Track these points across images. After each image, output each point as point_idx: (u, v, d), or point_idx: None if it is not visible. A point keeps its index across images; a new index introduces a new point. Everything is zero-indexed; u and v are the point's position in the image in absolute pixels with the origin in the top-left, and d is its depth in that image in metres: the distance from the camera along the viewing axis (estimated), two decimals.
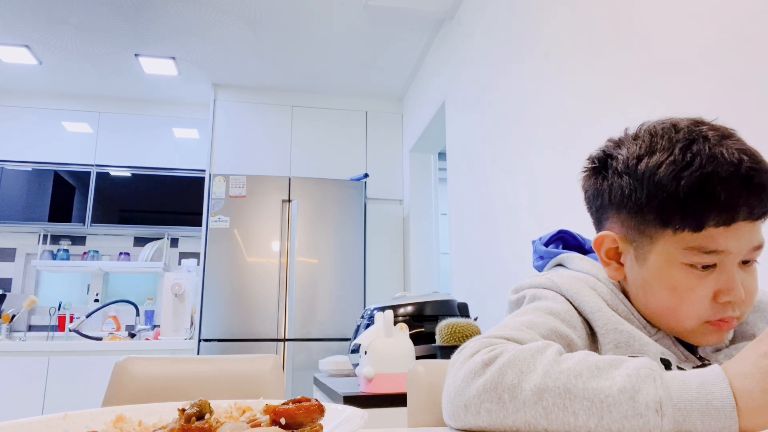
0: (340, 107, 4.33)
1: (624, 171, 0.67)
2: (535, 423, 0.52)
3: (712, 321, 0.64)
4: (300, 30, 3.43)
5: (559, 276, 0.73)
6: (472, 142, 2.85)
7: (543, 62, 2.09)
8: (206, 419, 0.43)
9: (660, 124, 0.68)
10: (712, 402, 0.47)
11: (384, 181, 4.26)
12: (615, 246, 0.70)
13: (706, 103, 1.26)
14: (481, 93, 2.73)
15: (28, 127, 4.10)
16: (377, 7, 3.12)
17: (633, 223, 0.67)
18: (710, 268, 0.63)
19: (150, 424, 0.48)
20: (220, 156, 4.02)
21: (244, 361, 1.03)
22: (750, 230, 0.62)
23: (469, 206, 2.87)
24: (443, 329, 1.71)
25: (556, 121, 1.97)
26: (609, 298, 0.70)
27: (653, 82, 1.46)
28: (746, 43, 1.16)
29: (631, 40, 1.56)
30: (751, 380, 0.47)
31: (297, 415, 0.43)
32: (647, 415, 0.47)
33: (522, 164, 2.25)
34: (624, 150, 0.68)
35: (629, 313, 0.70)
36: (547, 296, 0.71)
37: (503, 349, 0.57)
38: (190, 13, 3.19)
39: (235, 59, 3.78)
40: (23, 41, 3.50)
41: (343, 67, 3.93)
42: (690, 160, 0.61)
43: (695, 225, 0.61)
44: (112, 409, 0.52)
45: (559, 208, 1.92)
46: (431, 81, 3.63)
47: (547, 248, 0.84)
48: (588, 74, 1.78)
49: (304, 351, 3.43)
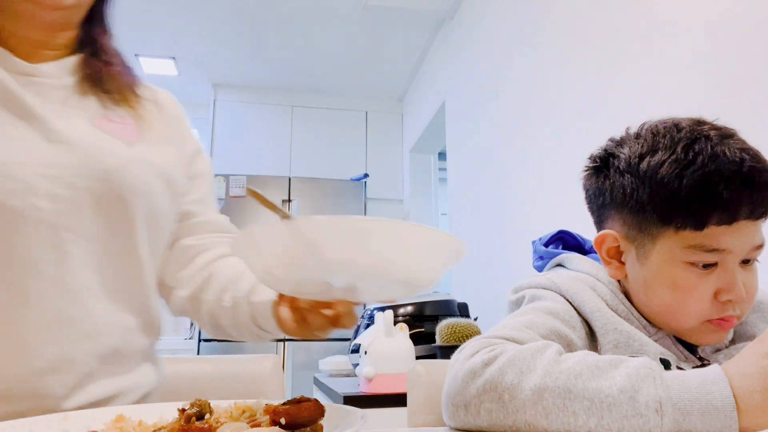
0: (340, 107, 4.33)
1: (626, 170, 0.67)
2: (535, 423, 0.52)
3: (713, 320, 0.64)
4: (300, 30, 3.43)
5: (559, 276, 0.73)
6: (472, 142, 2.85)
7: (543, 62, 2.09)
8: (206, 419, 0.43)
9: (662, 124, 0.68)
10: (712, 402, 0.47)
11: (384, 181, 4.26)
12: (616, 245, 0.70)
13: (706, 104, 1.26)
14: (481, 93, 2.73)
15: None
16: (377, 7, 3.11)
17: (634, 222, 0.67)
18: (711, 266, 0.63)
19: (150, 424, 0.48)
20: (220, 156, 4.01)
21: (244, 361, 1.03)
22: (751, 229, 0.62)
23: (469, 206, 2.87)
24: (443, 329, 1.71)
25: (556, 121, 1.97)
26: (609, 298, 0.70)
27: (653, 82, 1.46)
28: (748, 43, 1.16)
29: (631, 40, 1.56)
30: (751, 380, 0.47)
31: (297, 415, 0.43)
32: (647, 414, 0.47)
33: (522, 164, 2.25)
34: (626, 149, 0.68)
35: (629, 313, 0.70)
36: (546, 296, 0.71)
37: (503, 349, 0.57)
38: (190, 13, 3.19)
39: (235, 59, 3.78)
40: None
41: (343, 67, 3.93)
42: (692, 158, 0.62)
43: (697, 223, 0.61)
44: (112, 409, 0.52)
45: (559, 208, 1.92)
46: (431, 81, 3.63)
47: (546, 248, 0.84)
48: (588, 73, 1.78)
49: (304, 351, 3.42)
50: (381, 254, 0.42)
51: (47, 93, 0.67)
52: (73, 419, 0.50)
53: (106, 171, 0.65)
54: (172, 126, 0.80)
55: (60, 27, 0.70)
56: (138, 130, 0.73)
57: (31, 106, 0.64)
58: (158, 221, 0.73)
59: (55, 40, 0.70)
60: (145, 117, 0.75)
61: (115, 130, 0.70)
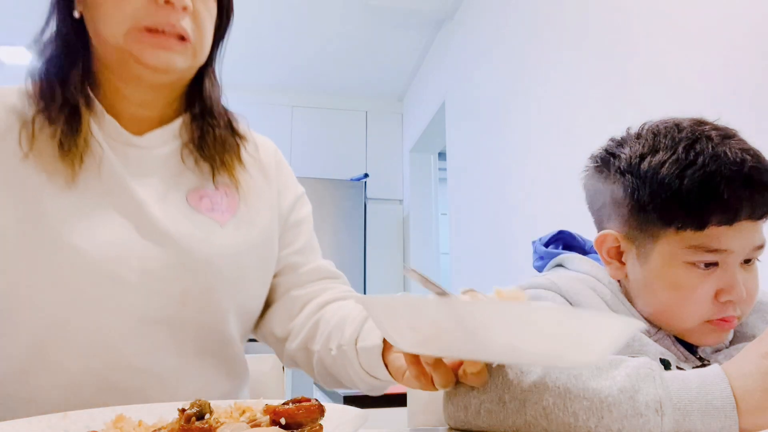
0: (340, 107, 4.33)
1: (627, 170, 0.67)
2: (535, 423, 0.52)
3: (713, 320, 0.64)
4: (300, 30, 3.43)
5: (559, 277, 0.73)
6: (472, 142, 2.85)
7: (543, 62, 2.09)
8: (206, 419, 0.43)
9: (662, 124, 0.68)
10: (712, 402, 0.47)
11: (384, 181, 4.25)
12: (617, 245, 0.70)
13: (706, 104, 1.26)
14: (481, 93, 2.73)
15: None
16: (377, 7, 3.11)
17: (635, 222, 0.67)
18: (712, 266, 0.63)
19: (150, 424, 0.48)
20: None
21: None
22: (752, 230, 0.62)
23: (469, 206, 2.87)
24: None
25: (556, 121, 1.97)
26: (609, 298, 0.70)
27: (653, 82, 1.46)
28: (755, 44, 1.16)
29: (632, 39, 1.56)
30: (751, 380, 0.47)
31: (297, 415, 0.43)
32: (647, 414, 0.47)
33: (522, 164, 2.25)
34: (627, 149, 0.68)
35: (629, 313, 0.70)
36: (546, 297, 0.71)
37: None
38: None
39: (235, 59, 3.78)
40: (23, 41, 3.50)
41: (343, 67, 3.93)
42: (693, 158, 0.62)
43: (698, 224, 0.61)
44: (112, 409, 0.52)
45: (559, 208, 1.92)
46: (431, 81, 3.63)
47: (546, 249, 0.84)
48: (588, 73, 1.78)
49: None
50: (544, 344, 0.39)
51: (148, 166, 0.67)
52: (72, 419, 0.50)
53: (195, 264, 0.65)
54: (271, 182, 0.79)
55: (169, 88, 0.69)
56: (234, 202, 0.72)
57: (131, 191, 0.64)
58: (247, 305, 0.73)
59: (164, 100, 0.70)
60: (244, 183, 0.74)
61: (209, 208, 0.70)
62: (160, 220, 0.65)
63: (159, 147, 0.69)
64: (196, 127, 0.71)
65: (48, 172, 0.62)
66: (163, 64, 0.63)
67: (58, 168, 0.62)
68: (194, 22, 0.65)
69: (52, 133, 0.62)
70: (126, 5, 0.60)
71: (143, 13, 0.61)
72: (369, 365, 0.63)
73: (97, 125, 0.65)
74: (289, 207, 0.81)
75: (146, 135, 0.68)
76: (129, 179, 0.65)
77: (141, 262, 0.63)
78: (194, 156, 0.71)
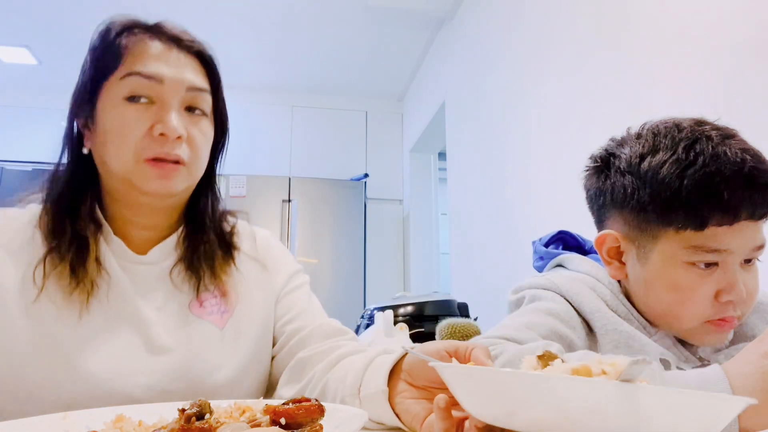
0: (340, 107, 4.33)
1: (627, 170, 0.67)
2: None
3: (713, 320, 0.64)
4: (300, 30, 3.43)
5: (559, 277, 0.73)
6: (472, 142, 2.85)
7: (543, 62, 2.09)
8: (206, 419, 0.43)
9: (663, 124, 0.68)
10: None
11: (384, 181, 4.25)
12: (617, 245, 0.70)
13: (706, 104, 1.26)
14: (480, 93, 2.73)
15: (28, 127, 4.10)
16: (377, 7, 3.11)
17: (635, 222, 0.67)
18: (712, 266, 0.63)
19: (150, 424, 0.48)
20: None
21: None
22: (752, 230, 0.62)
23: (469, 206, 2.87)
24: (443, 329, 1.71)
25: (556, 121, 1.97)
26: (608, 298, 0.70)
27: (653, 82, 1.46)
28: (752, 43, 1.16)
29: (633, 39, 1.56)
30: (751, 380, 0.47)
31: (297, 415, 0.43)
32: None
33: (522, 164, 2.25)
34: (627, 149, 0.68)
35: (629, 313, 0.70)
36: (546, 297, 0.71)
37: (503, 349, 0.57)
38: (190, 12, 3.19)
39: (235, 59, 3.78)
40: (23, 41, 3.49)
41: (343, 67, 3.93)
42: (693, 159, 0.61)
43: (698, 224, 0.61)
44: (112, 409, 0.52)
45: (559, 208, 1.92)
46: (431, 81, 3.63)
47: (547, 249, 0.84)
48: (588, 74, 1.78)
49: None
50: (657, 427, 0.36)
51: (151, 281, 0.74)
52: (72, 419, 0.50)
53: (197, 376, 0.71)
54: (269, 271, 0.84)
55: (170, 208, 0.76)
56: (229, 304, 0.78)
57: (138, 309, 0.71)
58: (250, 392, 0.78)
59: (166, 222, 0.77)
60: (238, 284, 0.80)
61: (208, 314, 0.76)
62: (162, 335, 0.71)
63: (161, 261, 0.76)
64: (190, 242, 0.78)
65: (58, 306, 0.68)
66: (163, 190, 0.70)
67: (72, 300, 0.68)
68: (190, 147, 0.72)
69: (63, 266, 0.69)
70: (129, 140, 0.68)
71: (144, 145, 0.68)
72: (375, 414, 0.60)
73: (106, 244, 0.72)
74: (283, 283, 0.85)
75: (149, 253, 0.75)
76: (136, 297, 0.71)
77: (147, 377, 0.69)
78: (190, 269, 0.77)
